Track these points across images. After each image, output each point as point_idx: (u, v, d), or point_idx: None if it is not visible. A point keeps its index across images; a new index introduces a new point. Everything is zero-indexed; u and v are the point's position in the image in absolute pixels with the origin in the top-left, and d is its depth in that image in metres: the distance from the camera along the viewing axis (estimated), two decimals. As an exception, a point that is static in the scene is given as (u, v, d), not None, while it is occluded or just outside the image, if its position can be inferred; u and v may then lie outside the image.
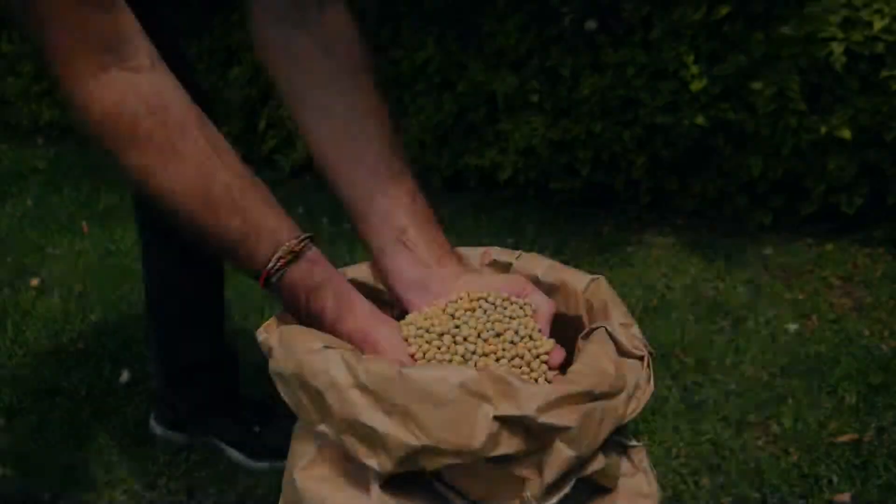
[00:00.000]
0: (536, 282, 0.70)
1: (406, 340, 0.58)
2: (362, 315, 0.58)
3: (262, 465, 1.16)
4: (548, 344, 0.57)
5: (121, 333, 1.53)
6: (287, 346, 0.55)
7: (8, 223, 2.15)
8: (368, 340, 0.56)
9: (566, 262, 1.84)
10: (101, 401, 1.33)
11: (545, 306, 0.60)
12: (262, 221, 0.60)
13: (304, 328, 0.58)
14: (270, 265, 0.59)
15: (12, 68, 3.08)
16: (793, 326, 1.48)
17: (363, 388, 0.47)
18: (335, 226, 2.01)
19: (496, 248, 0.73)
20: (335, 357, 0.50)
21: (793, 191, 1.89)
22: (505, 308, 0.60)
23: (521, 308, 0.60)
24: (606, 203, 2.08)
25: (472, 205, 2.10)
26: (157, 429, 1.22)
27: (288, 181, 2.40)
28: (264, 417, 1.20)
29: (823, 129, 1.72)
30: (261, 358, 1.37)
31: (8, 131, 3.20)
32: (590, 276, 0.66)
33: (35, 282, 1.77)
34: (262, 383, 1.36)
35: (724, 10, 1.71)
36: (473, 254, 0.72)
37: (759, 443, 1.19)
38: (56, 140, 3.02)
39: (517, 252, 0.73)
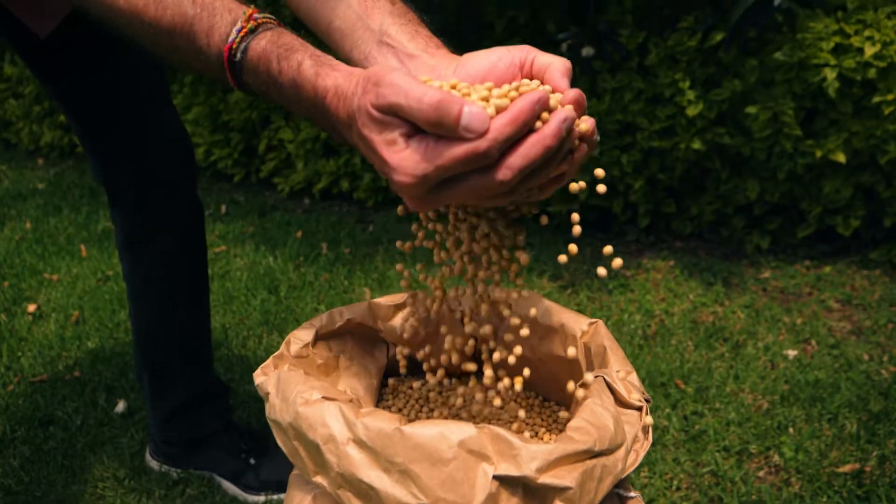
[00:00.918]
0: (534, 323, 0.69)
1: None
2: (345, 68, 0.51)
3: (258, 497, 1.15)
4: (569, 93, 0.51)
5: (117, 361, 1.52)
6: (284, 393, 0.55)
7: (6, 247, 2.14)
8: (362, 80, 0.48)
9: (564, 287, 1.84)
10: (96, 431, 1.32)
11: (557, 62, 0.53)
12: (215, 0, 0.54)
13: (301, 374, 0.58)
14: (232, 37, 0.52)
15: (14, 90, 3.09)
16: (792, 352, 1.48)
17: (361, 443, 0.47)
18: (333, 250, 2.01)
19: (495, 287, 0.72)
20: (333, 410, 0.50)
21: (789, 213, 1.90)
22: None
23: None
24: (605, 226, 2.08)
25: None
26: (152, 462, 1.21)
27: (286, 203, 2.40)
28: (260, 449, 1.19)
29: (818, 153, 1.72)
30: (255, 386, 1.36)
31: (9, 151, 3.20)
32: (588, 320, 0.66)
33: (32, 307, 1.77)
34: (257, 412, 1.36)
35: (719, 37, 1.72)
36: (472, 294, 0.72)
37: (761, 473, 1.18)
38: (56, 161, 3.03)
39: (516, 291, 0.72)
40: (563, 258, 0.62)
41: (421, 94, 0.45)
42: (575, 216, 0.59)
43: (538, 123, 0.47)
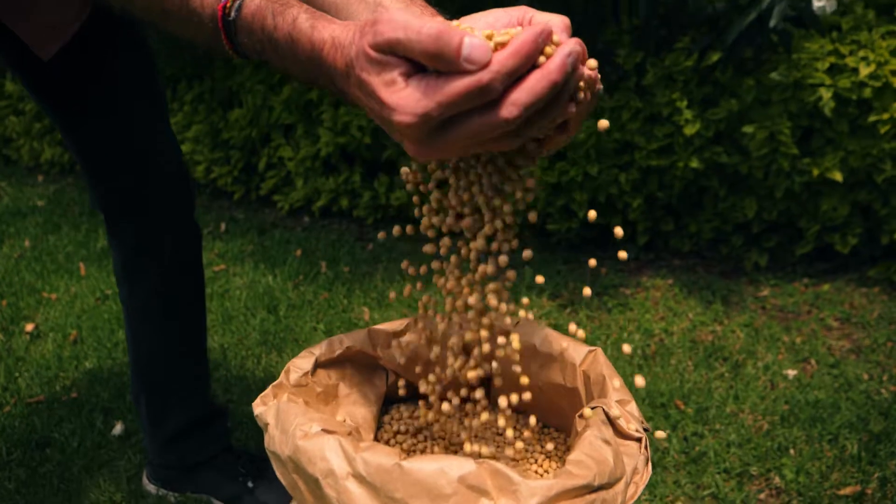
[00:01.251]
0: (534, 351, 0.70)
1: None
2: (341, 21, 0.50)
3: (258, 521, 1.15)
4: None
5: (115, 382, 1.52)
6: (283, 425, 0.55)
7: (4, 265, 2.14)
8: (360, 26, 0.47)
9: (564, 306, 1.84)
10: (93, 454, 1.31)
11: (556, 18, 0.51)
12: None
13: (300, 406, 0.58)
14: None
15: (15, 107, 3.10)
16: (792, 372, 1.48)
17: (360, 478, 0.47)
18: (332, 269, 2.01)
19: (492, 313, 0.72)
20: (332, 444, 0.50)
21: (787, 231, 1.90)
22: None
23: None
24: (603, 244, 2.08)
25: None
26: (149, 486, 1.21)
27: (286, 221, 2.41)
28: (258, 472, 1.18)
29: (815, 172, 1.73)
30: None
31: (9, 167, 3.21)
32: (587, 348, 0.66)
33: (30, 326, 1.76)
34: (256, 434, 1.35)
35: (715, 57, 1.73)
36: (472, 315, 0.72)
37: (762, 496, 1.18)
38: (56, 178, 3.03)
39: (517, 318, 0.72)
40: (587, 291, 0.62)
41: (419, 27, 0.43)
42: (618, 230, 0.58)
43: (541, 59, 0.45)
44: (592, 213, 0.61)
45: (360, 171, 2.28)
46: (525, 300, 0.65)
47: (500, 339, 0.61)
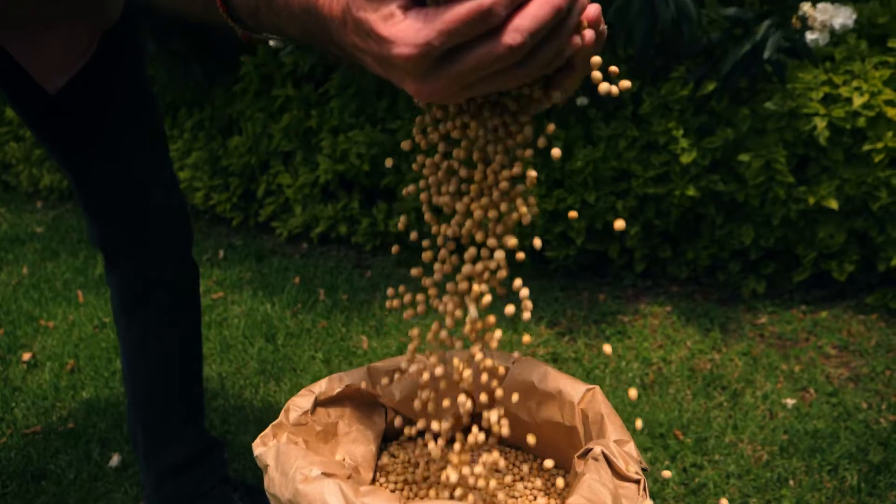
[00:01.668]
0: (532, 389, 0.70)
1: None
2: None
3: (255, 554, 1.14)
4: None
5: (112, 412, 1.51)
6: (283, 468, 0.55)
7: (3, 292, 2.14)
8: None
9: (562, 334, 1.84)
10: (89, 486, 1.31)
11: None
12: None
13: (300, 448, 0.58)
14: None
15: (16, 133, 3.12)
16: (790, 401, 1.48)
17: (360, 523, 0.47)
18: (331, 297, 2.01)
19: (493, 350, 0.73)
20: (332, 488, 0.50)
21: (784, 258, 1.91)
22: None
23: None
24: (601, 270, 2.09)
25: (467, 273, 2.10)
26: (147, 519, 1.20)
27: (284, 248, 2.41)
28: (255, 502, 1.18)
29: (811, 200, 1.74)
30: (252, 438, 1.36)
31: (8, 193, 3.22)
32: (585, 386, 0.66)
33: (27, 355, 1.76)
34: (253, 464, 1.35)
35: (711, 87, 1.75)
36: (469, 356, 0.72)
37: (760, 527, 1.17)
38: (55, 204, 3.04)
39: (514, 354, 0.73)
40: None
41: None
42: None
43: None
44: (620, 223, 0.58)
45: (359, 198, 2.29)
46: (526, 338, 0.65)
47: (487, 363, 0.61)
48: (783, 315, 1.82)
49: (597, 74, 0.53)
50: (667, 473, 0.60)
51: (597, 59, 0.50)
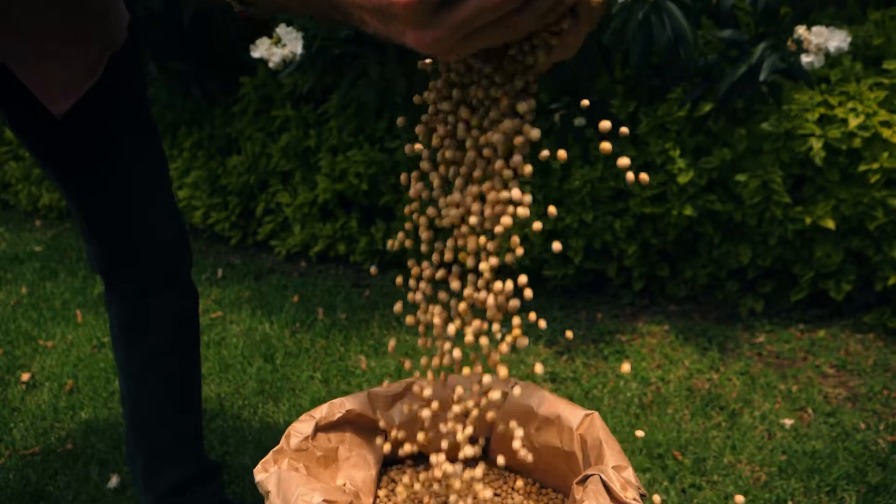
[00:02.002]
0: (532, 413, 0.70)
1: None
2: None
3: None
4: None
5: (111, 433, 1.51)
6: (285, 495, 0.55)
7: (2, 312, 2.14)
8: None
9: (561, 353, 1.84)
10: (89, 507, 1.30)
11: None
12: None
13: (301, 475, 0.58)
14: None
15: (15, 153, 3.13)
16: (788, 421, 1.48)
17: (361, 552, 0.47)
18: (329, 316, 2.02)
19: (493, 375, 0.73)
20: (332, 516, 0.50)
21: (782, 277, 1.92)
22: None
23: None
24: (600, 289, 2.09)
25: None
26: (146, 543, 1.20)
27: (283, 266, 2.42)
28: (256, 526, 1.17)
29: (808, 220, 1.75)
30: (251, 459, 1.35)
31: (7, 212, 3.23)
32: (583, 412, 0.66)
33: (26, 376, 1.76)
34: (252, 485, 1.34)
35: (707, 108, 1.76)
36: (469, 381, 0.73)
37: (760, 549, 1.17)
38: (54, 222, 3.05)
39: (513, 379, 0.73)
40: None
41: None
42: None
43: None
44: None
45: (357, 217, 2.30)
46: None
47: (492, 395, 0.61)
48: (781, 334, 1.83)
49: (623, 161, 0.54)
50: (657, 499, 0.60)
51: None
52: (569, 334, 0.65)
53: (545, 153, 0.61)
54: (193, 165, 2.55)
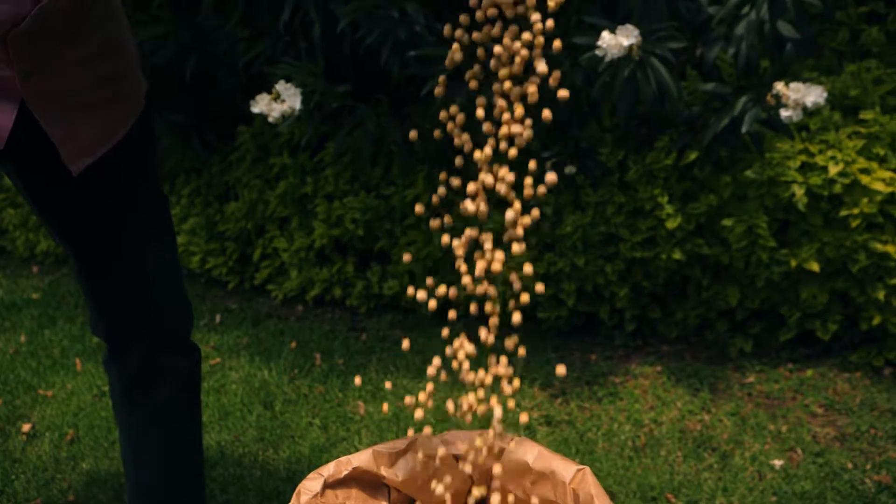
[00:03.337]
0: (527, 468, 0.74)
1: None
2: None
3: None
4: None
5: (112, 483, 1.53)
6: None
7: (0, 361, 2.16)
8: None
9: (555, 396, 1.88)
10: (92, 559, 1.32)
11: None
12: None
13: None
14: None
15: (13, 200, 3.17)
16: (778, 462, 1.51)
17: None
18: (327, 361, 2.05)
19: (490, 431, 0.77)
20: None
21: (770, 318, 1.97)
22: None
23: None
24: (593, 331, 2.13)
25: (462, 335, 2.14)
26: None
27: (280, 310, 2.45)
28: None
29: (793, 262, 1.81)
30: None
31: (4, 258, 3.25)
32: (576, 466, 0.70)
33: (27, 426, 1.77)
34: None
35: (693, 156, 1.82)
36: (468, 437, 0.77)
37: (753, 592, 1.19)
38: (51, 269, 3.07)
39: (510, 435, 0.77)
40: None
41: None
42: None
43: None
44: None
45: (353, 262, 2.34)
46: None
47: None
48: (770, 374, 1.87)
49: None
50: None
51: None
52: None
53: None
54: (191, 212, 2.60)
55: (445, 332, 0.69)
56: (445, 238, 0.75)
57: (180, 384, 1.08)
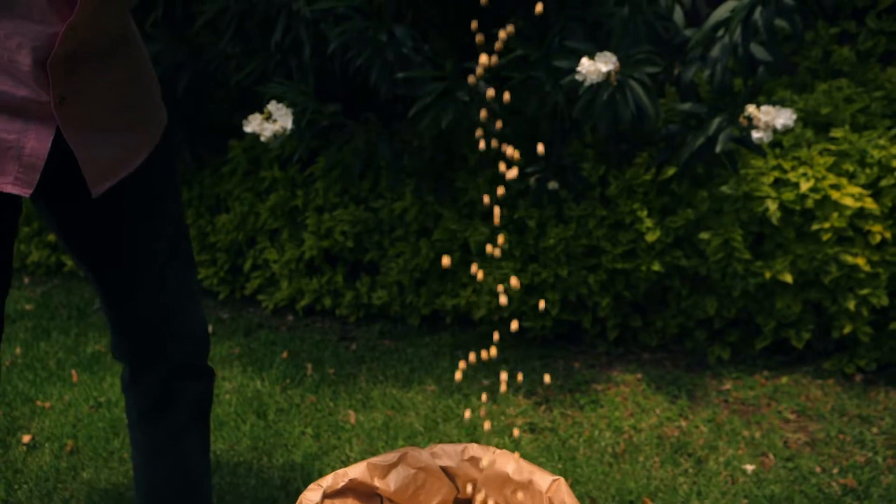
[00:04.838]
0: (507, 478, 0.80)
1: None
2: None
3: None
4: None
5: (113, 493, 1.58)
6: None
7: (-4, 372, 2.20)
8: None
9: (539, 404, 1.94)
10: (94, 566, 1.37)
11: None
12: None
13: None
14: None
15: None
16: (750, 467, 1.58)
17: None
18: (318, 371, 2.10)
19: (475, 444, 0.83)
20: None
21: (747, 326, 2.04)
22: None
23: None
24: (576, 339, 2.20)
25: (449, 344, 2.21)
26: None
27: (271, 320, 2.50)
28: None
29: (768, 274, 1.88)
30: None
31: (-7, 269, 3.28)
32: (552, 477, 0.77)
33: (27, 438, 1.82)
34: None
35: (671, 171, 1.90)
36: (454, 450, 0.83)
37: (725, 591, 1.26)
38: (42, 279, 3.11)
39: (492, 448, 0.83)
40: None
41: None
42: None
43: None
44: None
45: (343, 272, 2.40)
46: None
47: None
48: (746, 381, 1.94)
49: None
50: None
51: None
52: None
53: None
54: (184, 224, 2.65)
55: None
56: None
57: (196, 407, 1.12)
